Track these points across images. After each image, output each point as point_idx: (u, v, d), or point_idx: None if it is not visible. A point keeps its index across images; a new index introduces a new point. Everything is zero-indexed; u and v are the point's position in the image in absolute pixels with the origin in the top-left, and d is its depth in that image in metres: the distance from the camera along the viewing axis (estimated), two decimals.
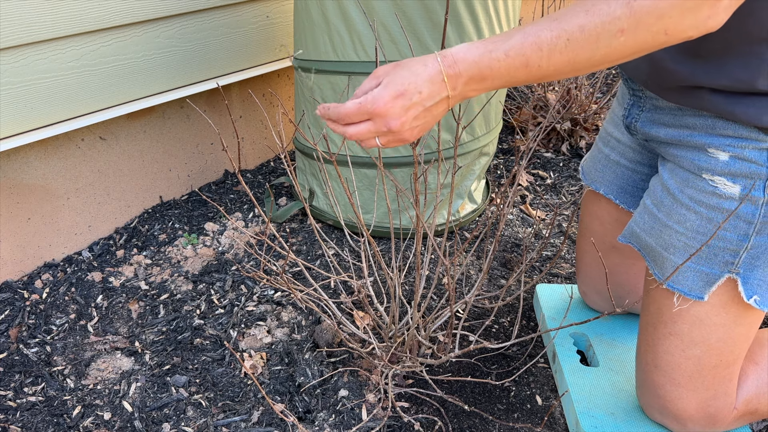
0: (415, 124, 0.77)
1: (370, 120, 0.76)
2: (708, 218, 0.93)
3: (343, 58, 1.51)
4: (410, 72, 0.75)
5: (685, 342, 1.00)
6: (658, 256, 1.01)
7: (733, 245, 0.92)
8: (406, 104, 0.75)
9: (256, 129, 2.09)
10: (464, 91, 0.77)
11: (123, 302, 1.51)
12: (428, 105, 0.76)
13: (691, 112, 0.94)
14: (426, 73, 0.75)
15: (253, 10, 1.81)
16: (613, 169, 1.20)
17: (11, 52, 1.36)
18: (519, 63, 0.73)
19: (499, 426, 1.18)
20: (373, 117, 0.76)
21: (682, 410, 1.05)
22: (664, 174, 1.00)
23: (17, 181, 1.52)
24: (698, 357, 1.00)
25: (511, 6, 1.54)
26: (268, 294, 1.53)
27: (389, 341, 1.22)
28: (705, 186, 0.93)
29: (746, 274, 0.93)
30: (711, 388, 1.03)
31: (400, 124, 0.76)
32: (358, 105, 0.76)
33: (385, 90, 0.75)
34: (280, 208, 1.86)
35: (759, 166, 0.88)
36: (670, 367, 1.03)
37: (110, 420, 1.21)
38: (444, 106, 0.78)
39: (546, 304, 1.40)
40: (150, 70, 1.63)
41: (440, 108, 0.78)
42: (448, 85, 0.75)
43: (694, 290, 0.97)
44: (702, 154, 0.93)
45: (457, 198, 1.74)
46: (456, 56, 0.75)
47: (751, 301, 0.94)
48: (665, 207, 0.99)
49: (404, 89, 0.74)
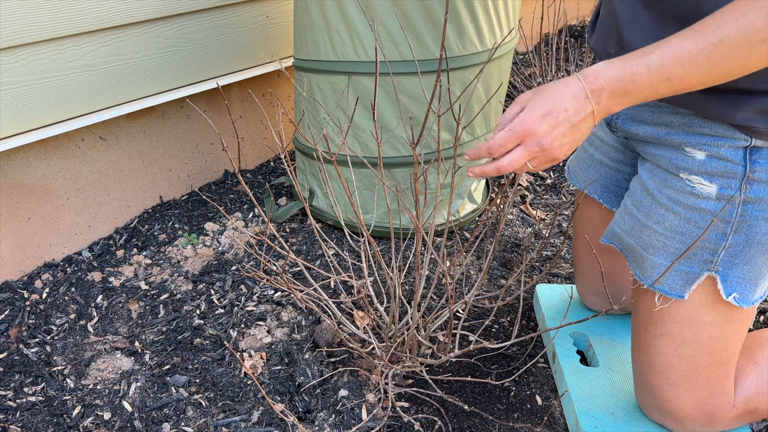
0: (564, 141, 0.80)
1: (521, 144, 0.79)
2: (686, 218, 0.94)
3: (343, 58, 1.51)
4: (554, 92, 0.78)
5: (677, 342, 1.01)
6: (638, 256, 1.02)
7: (711, 244, 0.93)
8: (553, 122, 0.78)
9: (256, 129, 2.09)
10: (608, 106, 0.79)
11: (123, 302, 1.52)
12: (575, 121, 0.79)
13: (669, 110, 0.94)
14: (569, 91, 0.78)
15: (253, 10, 1.81)
16: (597, 169, 1.20)
17: (11, 52, 1.36)
18: (661, 76, 0.76)
19: (499, 426, 1.18)
20: (524, 139, 0.79)
21: (679, 409, 1.05)
22: (643, 174, 1.01)
23: (17, 181, 1.52)
24: (691, 356, 1.00)
25: (511, 6, 1.54)
26: (268, 294, 1.53)
27: (389, 341, 1.22)
28: (683, 186, 0.94)
29: (725, 272, 0.94)
30: (707, 386, 1.03)
31: (550, 141, 0.79)
32: (508, 131, 0.79)
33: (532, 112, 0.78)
34: (280, 208, 1.86)
35: (735, 165, 0.89)
36: (664, 367, 1.04)
37: (110, 420, 1.21)
38: (590, 122, 0.80)
39: (546, 304, 1.40)
40: (150, 70, 1.63)
41: (587, 124, 0.80)
42: (592, 100, 0.78)
43: (675, 289, 0.97)
44: (679, 153, 0.94)
45: (457, 198, 1.74)
46: (597, 72, 0.78)
47: (730, 299, 0.95)
48: (644, 207, 1.00)
49: (550, 108, 0.78)
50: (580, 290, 1.37)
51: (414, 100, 1.51)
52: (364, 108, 1.54)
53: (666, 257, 0.97)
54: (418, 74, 1.38)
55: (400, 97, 1.51)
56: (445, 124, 1.56)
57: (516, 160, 0.80)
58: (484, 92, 1.59)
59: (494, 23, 1.51)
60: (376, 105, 1.05)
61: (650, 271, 0.99)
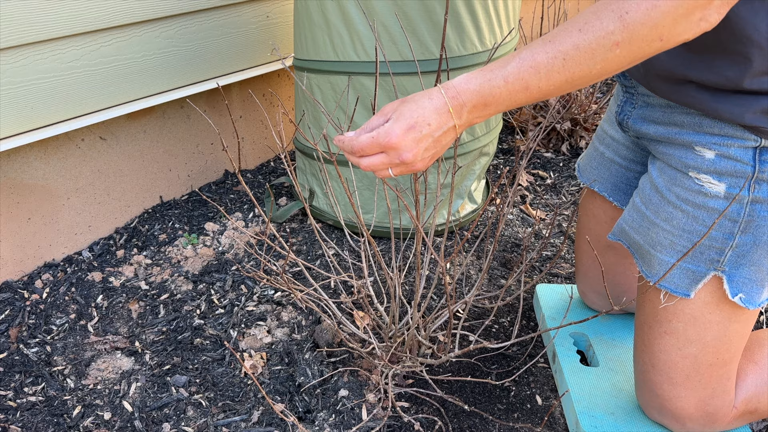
0: (426, 155, 0.81)
1: (383, 152, 0.80)
2: (694, 217, 0.94)
3: (343, 58, 1.51)
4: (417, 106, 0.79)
5: (681, 340, 1.01)
6: (645, 254, 1.02)
7: (718, 243, 0.93)
8: (417, 136, 0.79)
9: (256, 129, 2.09)
10: (470, 119, 0.80)
11: (123, 302, 1.52)
12: (437, 135, 0.80)
13: (680, 110, 0.95)
14: (432, 105, 0.78)
15: (253, 10, 1.81)
16: (608, 167, 1.20)
17: (11, 52, 1.36)
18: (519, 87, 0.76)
19: (499, 426, 1.18)
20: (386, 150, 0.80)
21: (680, 409, 1.05)
22: (653, 172, 1.01)
23: (17, 181, 1.52)
24: (694, 355, 1.00)
25: (511, 6, 1.54)
26: (268, 294, 1.53)
27: (389, 341, 1.22)
28: (691, 184, 0.94)
29: (731, 272, 0.94)
30: (709, 386, 1.03)
31: (413, 156, 0.80)
32: (371, 138, 0.79)
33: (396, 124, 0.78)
34: (280, 208, 1.86)
35: (744, 165, 0.89)
36: (666, 366, 1.03)
37: (110, 420, 1.21)
38: (452, 135, 0.82)
39: (546, 304, 1.40)
40: (150, 70, 1.63)
41: (448, 137, 0.82)
42: (454, 115, 0.79)
43: (681, 287, 0.97)
44: (689, 152, 0.94)
45: (457, 198, 1.74)
46: (458, 87, 0.78)
47: (736, 299, 0.95)
48: (653, 205, 1.00)
49: (414, 122, 0.78)
50: (580, 288, 1.37)
51: None
52: (364, 108, 1.54)
53: (673, 255, 0.97)
54: (418, 74, 1.38)
55: (400, 97, 1.51)
56: None
57: (375, 165, 0.82)
58: None
59: (494, 23, 1.51)
60: (376, 105, 1.05)
61: (657, 268, 0.99)
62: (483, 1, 1.44)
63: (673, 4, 0.68)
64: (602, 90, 2.62)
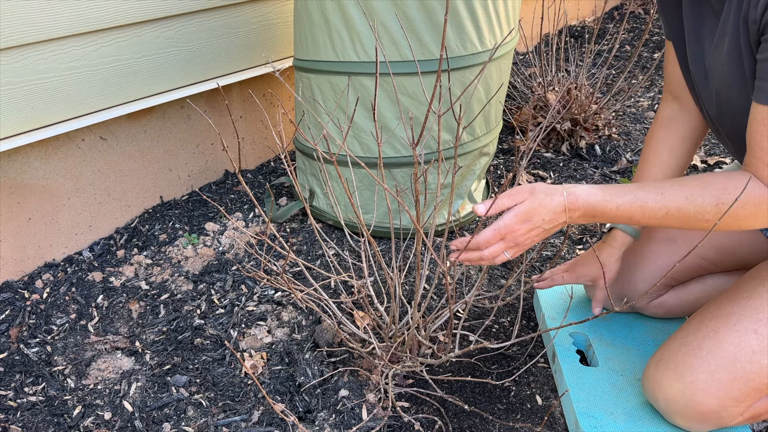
0: (537, 239, 0.98)
1: (502, 240, 0.96)
2: None
3: (343, 58, 1.51)
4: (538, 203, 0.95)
5: (763, 348, 0.97)
6: None
7: None
8: (530, 227, 0.96)
9: (256, 129, 2.09)
10: (577, 220, 0.98)
11: (123, 302, 1.52)
12: (548, 228, 0.97)
13: None
14: (551, 205, 0.95)
15: (253, 10, 1.81)
16: None
17: (12, 52, 1.36)
18: (624, 216, 0.95)
19: (499, 426, 1.18)
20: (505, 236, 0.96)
21: (697, 403, 1.00)
22: None
23: (18, 181, 1.52)
24: (759, 369, 0.97)
25: (511, 6, 1.54)
26: (268, 294, 1.53)
27: (389, 341, 1.22)
28: None
29: None
30: (741, 400, 0.99)
31: (525, 240, 0.96)
32: (494, 231, 0.95)
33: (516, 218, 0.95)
34: (280, 208, 1.86)
35: None
36: (724, 360, 0.99)
37: (110, 420, 1.21)
38: (560, 227, 0.99)
39: (546, 304, 1.40)
40: (150, 70, 1.63)
41: (557, 228, 0.99)
42: (567, 215, 0.96)
43: None
44: None
45: (457, 198, 1.74)
46: (579, 196, 0.95)
47: None
48: None
49: (530, 217, 0.95)
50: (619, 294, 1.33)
51: (414, 101, 1.51)
52: (364, 108, 1.54)
53: None
54: (418, 74, 1.38)
55: (400, 98, 1.51)
56: (445, 125, 1.56)
57: (496, 252, 0.97)
58: (484, 92, 1.59)
59: (494, 23, 1.51)
60: (376, 105, 1.06)
61: None
62: (483, 2, 1.44)
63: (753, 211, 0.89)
64: (602, 90, 2.63)
